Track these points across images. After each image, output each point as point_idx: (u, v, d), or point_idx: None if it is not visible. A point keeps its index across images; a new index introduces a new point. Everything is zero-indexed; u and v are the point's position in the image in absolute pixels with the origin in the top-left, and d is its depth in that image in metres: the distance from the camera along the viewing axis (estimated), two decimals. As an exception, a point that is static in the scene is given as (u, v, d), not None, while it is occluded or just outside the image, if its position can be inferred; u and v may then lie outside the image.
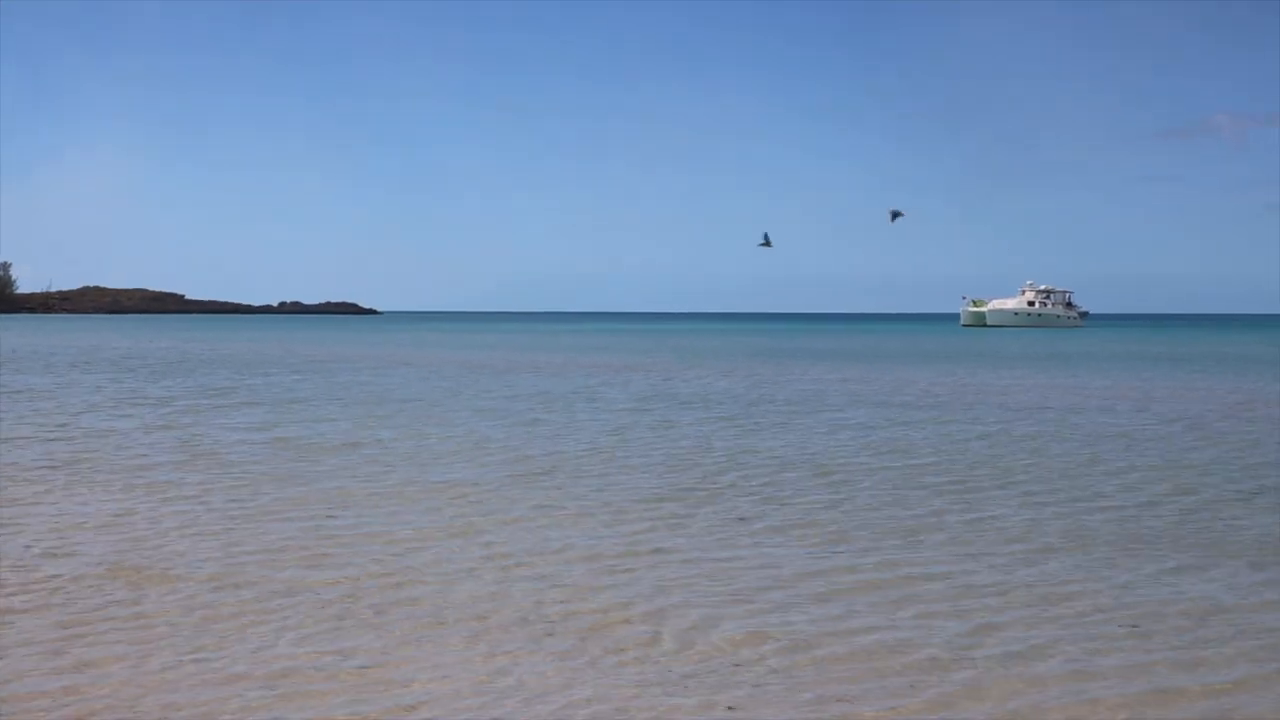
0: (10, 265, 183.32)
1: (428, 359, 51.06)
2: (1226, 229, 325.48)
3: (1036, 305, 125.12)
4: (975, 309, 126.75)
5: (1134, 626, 8.61)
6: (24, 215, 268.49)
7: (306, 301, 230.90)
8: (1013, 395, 30.40)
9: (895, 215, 32.53)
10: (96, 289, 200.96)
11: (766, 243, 36.06)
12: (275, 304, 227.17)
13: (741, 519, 12.58)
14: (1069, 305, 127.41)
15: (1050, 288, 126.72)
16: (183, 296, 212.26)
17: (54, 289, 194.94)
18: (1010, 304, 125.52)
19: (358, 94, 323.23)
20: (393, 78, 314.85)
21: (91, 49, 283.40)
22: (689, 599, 9.26)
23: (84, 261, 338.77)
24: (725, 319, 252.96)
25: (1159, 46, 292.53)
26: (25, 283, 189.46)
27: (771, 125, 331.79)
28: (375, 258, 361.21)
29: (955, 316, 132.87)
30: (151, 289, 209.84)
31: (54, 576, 9.75)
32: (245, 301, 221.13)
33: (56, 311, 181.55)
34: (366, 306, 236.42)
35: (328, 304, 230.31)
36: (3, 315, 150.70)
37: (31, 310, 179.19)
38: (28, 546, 10.90)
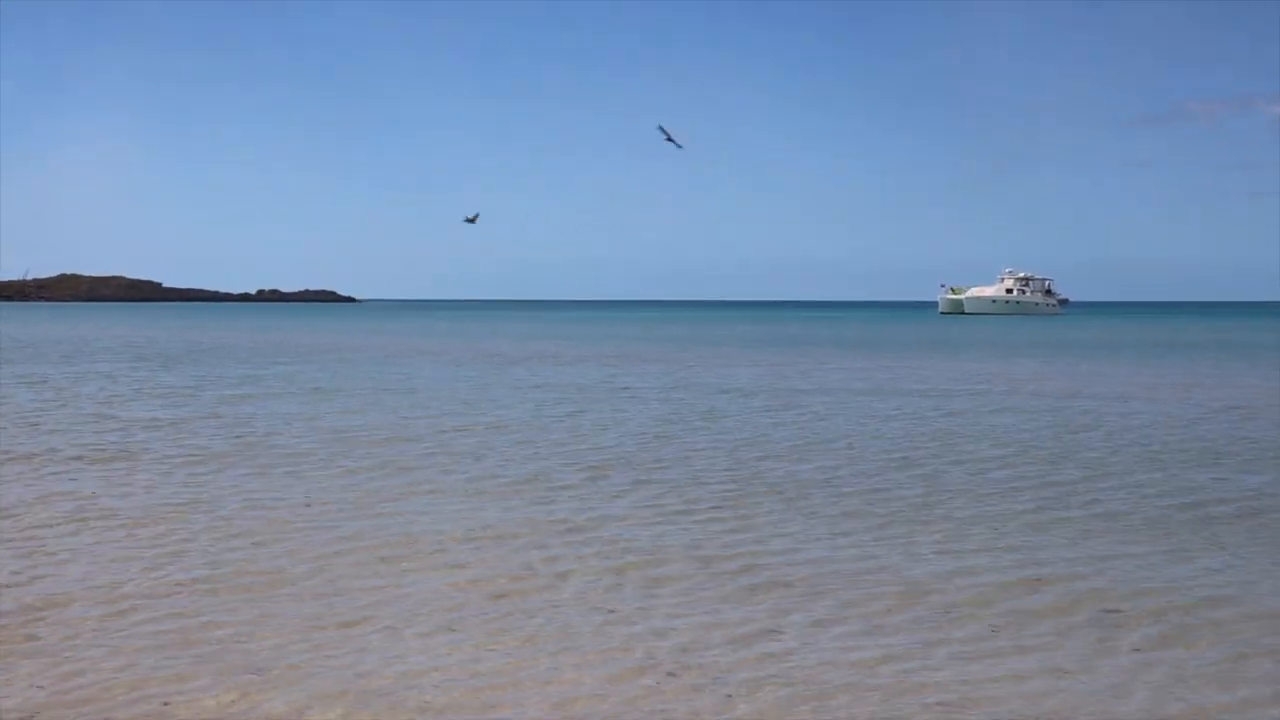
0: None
1: (438, 347, 50.81)
2: (1207, 214, 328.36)
3: (1015, 293, 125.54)
4: (954, 296, 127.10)
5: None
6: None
7: (285, 289, 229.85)
8: (1040, 383, 30.45)
9: (667, 135, 32.36)
10: (73, 276, 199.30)
11: (471, 219, 36.57)
12: (253, 292, 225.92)
13: (834, 512, 12.52)
14: (1048, 293, 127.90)
15: (1029, 275, 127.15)
16: (159, 284, 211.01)
17: (30, 276, 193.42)
18: (989, 291, 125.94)
19: (334, 85, 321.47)
20: (368, 69, 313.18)
21: (75, 40, 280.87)
22: (803, 597, 9.17)
23: (60, 249, 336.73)
24: (701, 307, 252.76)
25: (1137, 34, 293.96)
26: (1, 270, 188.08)
27: (752, 113, 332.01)
28: (352, 246, 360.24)
29: (931, 304, 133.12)
30: (128, 276, 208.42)
31: (177, 581, 9.56)
32: (223, 289, 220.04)
33: (34, 299, 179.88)
34: (345, 294, 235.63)
35: (306, 291, 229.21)
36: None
37: (9, 298, 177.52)
38: (139, 541, 10.70)
